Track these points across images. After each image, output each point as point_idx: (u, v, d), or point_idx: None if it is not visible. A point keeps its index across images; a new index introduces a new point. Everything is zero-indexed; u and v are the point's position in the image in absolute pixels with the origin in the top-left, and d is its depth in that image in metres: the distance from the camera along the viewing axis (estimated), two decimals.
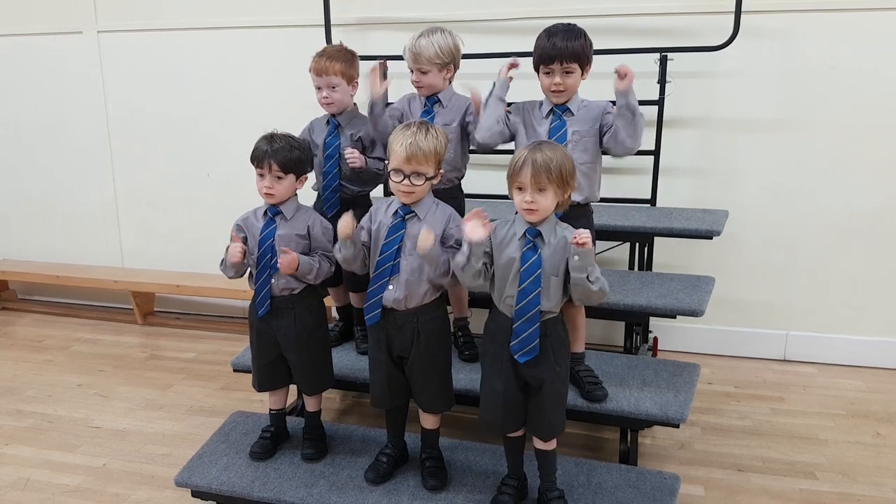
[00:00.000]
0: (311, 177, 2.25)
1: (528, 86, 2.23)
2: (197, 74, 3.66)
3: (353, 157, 2.28)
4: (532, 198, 1.70)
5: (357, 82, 2.42)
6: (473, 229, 1.73)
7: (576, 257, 1.68)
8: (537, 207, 1.71)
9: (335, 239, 2.07)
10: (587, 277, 1.69)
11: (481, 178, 3.03)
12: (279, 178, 2.01)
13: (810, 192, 3.04)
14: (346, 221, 1.87)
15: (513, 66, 2.13)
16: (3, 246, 4.26)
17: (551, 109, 2.10)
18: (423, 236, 1.80)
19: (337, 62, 2.32)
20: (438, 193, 2.21)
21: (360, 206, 2.44)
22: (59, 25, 3.77)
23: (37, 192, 4.10)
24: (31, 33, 3.83)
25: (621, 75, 1.97)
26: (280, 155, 1.99)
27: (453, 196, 2.30)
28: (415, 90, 2.38)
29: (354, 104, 2.46)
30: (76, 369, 3.28)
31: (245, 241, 2.08)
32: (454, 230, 1.91)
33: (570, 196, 1.76)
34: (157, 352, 3.49)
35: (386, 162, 1.94)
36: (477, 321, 2.40)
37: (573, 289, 1.73)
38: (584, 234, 1.66)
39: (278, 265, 1.98)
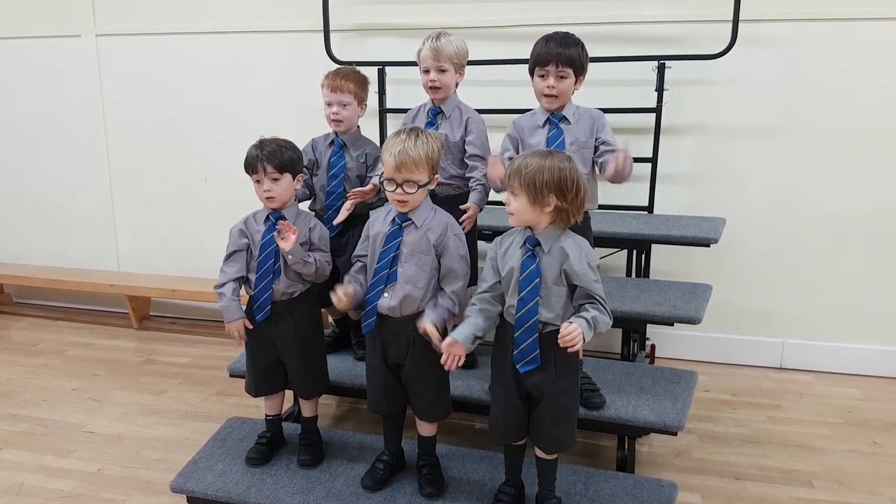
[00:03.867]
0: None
1: (521, 92, 2.24)
2: (195, 79, 3.66)
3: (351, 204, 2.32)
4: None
5: (366, 105, 2.47)
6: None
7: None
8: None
9: (332, 249, 2.10)
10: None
11: None
12: (275, 179, 2.02)
13: (807, 200, 3.05)
14: (336, 300, 1.89)
15: None
16: None
17: (547, 119, 2.10)
18: (423, 328, 1.82)
19: (351, 82, 2.38)
20: (452, 199, 2.23)
21: (362, 224, 2.44)
22: (57, 29, 3.77)
23: (34, 194, 4.09)
24: (30, 36, 3.83)
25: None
26: (273, 157, 2.01)
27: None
28: (418, 103, 2.40)
29: (358, 126, 2.48)
30: (71, 373, 3.26)
31: (248, 247, 2.08)
32: (451, 239, 1.90)
33: (580, 204, 1.72)
34: (152, 356, 3.47)
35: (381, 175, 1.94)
36: None
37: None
38: (567, 335, 1.61)
39: (281, 231, 1.98)
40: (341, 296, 1.88)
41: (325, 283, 2.12)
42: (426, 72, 2.29)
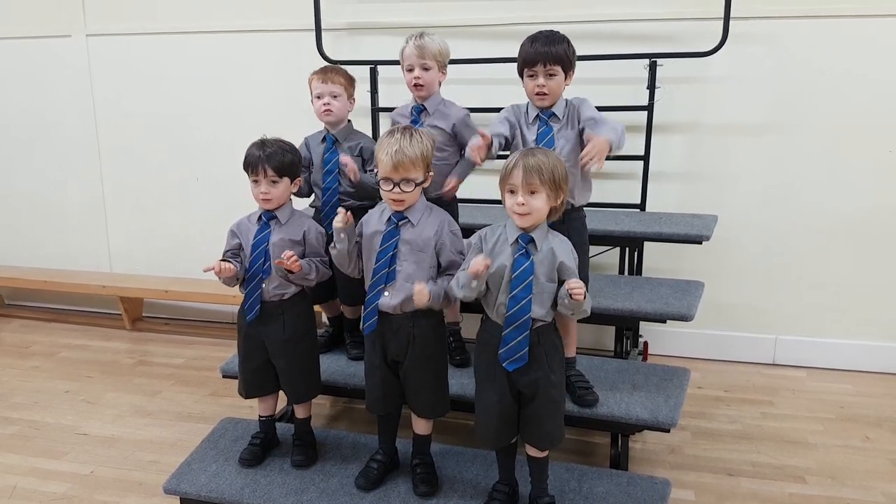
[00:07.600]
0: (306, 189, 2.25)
1: (512, 91, 2.24)
2: (186, 78, 3.64)
3: (349, 168, 2.30)
4: (524, 200, 1.70)
5: (354, 100, 2.47)
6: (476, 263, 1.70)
7: (566, 301, 1.71)
8: (529, 210, 1.70)
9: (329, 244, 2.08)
10: (572, 314, 1.78)
11: (478, 182, 3.01)
12: (274, 182, 2.02)
13: (799, 197, 3.06)
14: (340, 215, 1.89)
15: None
16: None
17: (537, 115, 2.10)
18: (417, 292, 1.82)
19: (340, 75, 2.40)
20: (440, 201, 2.22)
21: (360, 219, 2.44)
22: (47, 29, 3.75)
23: (24, 195, 4.06)
24: (19, 36, 3.80)
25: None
26: (274, 160, 2.00)
27: (447, 204, 2.28)
28: (402, 103, 2.41)
29: (349, 121, 2.48)
30: (63, 375, 3.25)
31: (239, 247, 2.08)
32: (447, 237, 1.90)
33: (563, 202, 1.76)
34: (145, 358, 3.46)
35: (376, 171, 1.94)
36: (468, 325, 2.40)
37: (558, 309, 1.79)
38: (577, 287, 1.66)
39: (283, 257, 1.94)
40: (342, 215, 1.89)
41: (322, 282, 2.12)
42: (410, 70, 2.31)
